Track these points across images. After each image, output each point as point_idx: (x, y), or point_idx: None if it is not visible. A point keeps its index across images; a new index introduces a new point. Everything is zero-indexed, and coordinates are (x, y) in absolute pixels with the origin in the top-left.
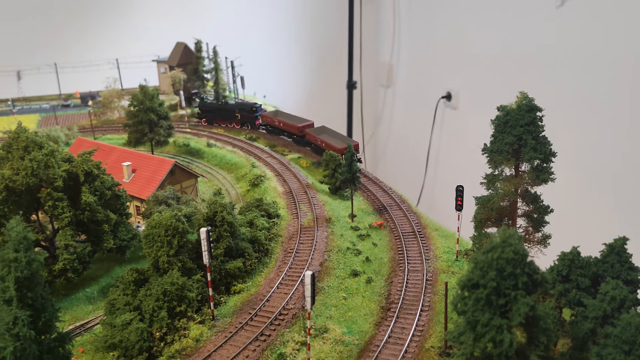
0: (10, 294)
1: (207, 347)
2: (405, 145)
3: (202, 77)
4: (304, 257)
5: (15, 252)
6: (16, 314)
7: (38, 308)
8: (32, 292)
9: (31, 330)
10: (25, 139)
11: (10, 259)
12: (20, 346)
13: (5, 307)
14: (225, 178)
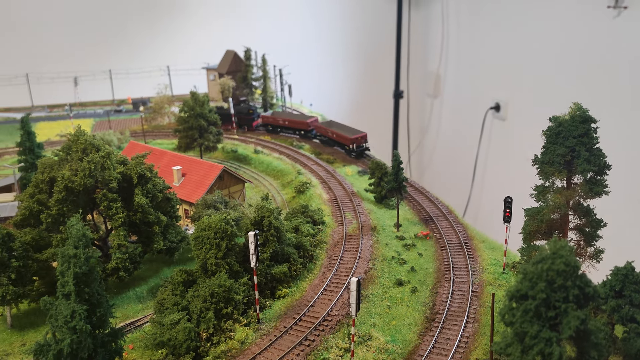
0: (69, 288)
1: (252, 350)
2: (452, 155)
3: (251, 85)
4: (349, 264)
5: (74, 248)
6: (74, 308)
7: (94, 303)
8: (89, 288)
9: (87, 324)
10: (84, 141)
11: (70, 255)
12: (76, 339)
13: (64, 301)
14: (272, 184)
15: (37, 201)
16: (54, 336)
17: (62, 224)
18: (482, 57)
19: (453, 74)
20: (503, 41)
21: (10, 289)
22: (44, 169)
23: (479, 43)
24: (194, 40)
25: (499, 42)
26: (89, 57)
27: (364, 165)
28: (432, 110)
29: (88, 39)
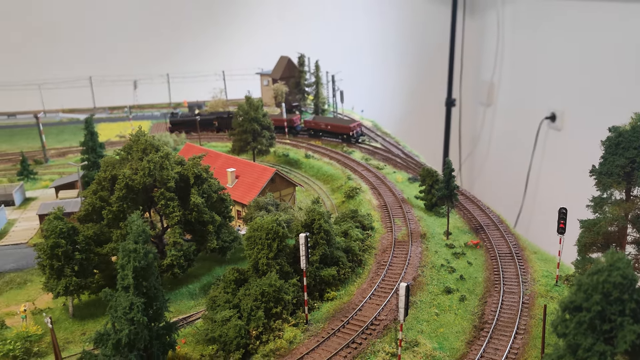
0: (129, 281)
1: (300, 350)
2: (504, 164)
3: (303, 91)
4: (397, 270)
5: (134, 243)
6: (132, 300)
7: (151, 297)
8: (146, 282)
9: (144, 316)
10: (144, 142)
11: (130, 250)
12: (134, 330)
13: (123, 293)
14: (321, 189)
15: (100, 198)
16: (113, 326)
17: (122, 220)
18: (539, 66)
19: (507, 83)
20: (561, 49)
21: (73, 280)
22: (106, 167)
23: (536, 51)
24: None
25: (557, 50)
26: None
27: (415, 173)
28: (484, 118)
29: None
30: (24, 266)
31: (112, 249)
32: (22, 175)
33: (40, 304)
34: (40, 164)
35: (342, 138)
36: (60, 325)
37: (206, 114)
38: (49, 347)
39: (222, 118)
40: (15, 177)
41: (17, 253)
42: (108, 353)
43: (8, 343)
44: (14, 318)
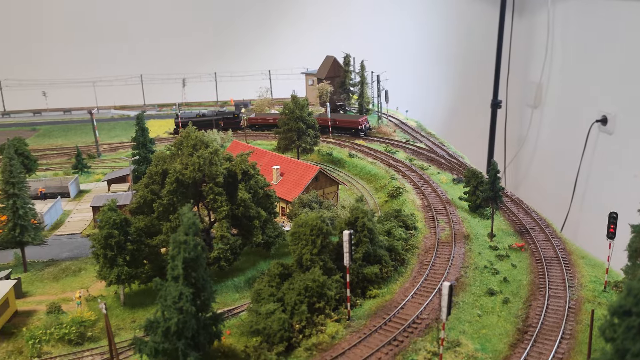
0: (178, 272)
1: (342, 345)
2: (551, 167)
3: (348, 90)
4: (440, 270)
5: (185, 235)
6: (181, 290)
7: (199, 287)
8: (195, 272)
9: (192, 306)
10: (194, 137)
11: (180, 241)
12: (182, 319)
13: (173, 283)
14: (365, 188)
15: (151, 191)
16: (162, 315)
17: (172, 213)
18: (590, 68)
19: (556, 84)
20: (614, 50)
21: (125, 270)
22: (157, 161)
23: (587, 52)
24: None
25: (610, 51)
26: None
27: (459, 174)
28: (531, 121)
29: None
30: (79, 255)
31: (161, 240)
32: (77, 168)
33: (94, 291)
34: (94, 158)
35: (351, 133)
36: (112, 313)
37: (212, 114)
38: (102, 332)
39: (227, 118)
40: (70, 170)
41: (72, 242)
42: (157, 340)
43: (64, 327)
44: (69, 304)
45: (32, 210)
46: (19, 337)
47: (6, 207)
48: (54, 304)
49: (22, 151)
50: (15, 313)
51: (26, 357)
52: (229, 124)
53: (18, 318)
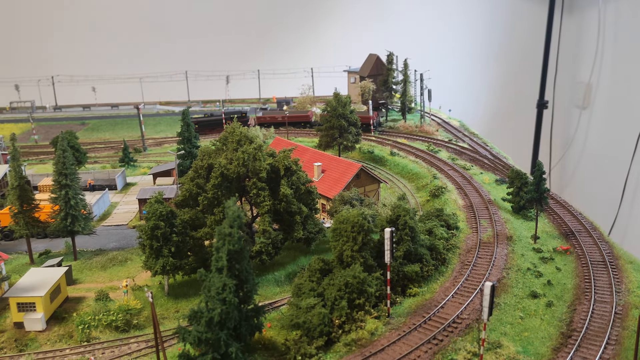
0: (222, 263)
1: (381, 342)
2: (599, 170)
3: (391, 89)
4: (482, 271)
5: (230, 227)
6: (225, 282)
7: (242, 279)
8: (239, 265)
9: (235, 297)
10: (239, 133)
11: (225, 233)
12: (225, 310)
13: (217, 274)
14: (406, 186)
15: (196, 185)
16: (206, 305)
17: (216, 207)
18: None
19: (606, 85)
20: None
21: (170, 261)
22: (203, 156)
23: None
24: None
25: None
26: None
27: (502, 174)
28: (579, 122)
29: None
30: (125, 245)
31: (205, 233)
32: (124, 162)
33: (139, 281)
34: (140, 152)
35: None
36: (156, 302)
37: (217, 115)
38: (147, 321)
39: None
40: (118, 163)
41: (119, 233)
42: (201, 330)
43: (111, 314)
44: (116, 292)
45: (83, 201)
46: (69, 322)
47: (59, 198)
48: (102, 292)
49: (73, 144)
50: (66, 299)
51: (76, 341)
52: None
53: (69, 304)
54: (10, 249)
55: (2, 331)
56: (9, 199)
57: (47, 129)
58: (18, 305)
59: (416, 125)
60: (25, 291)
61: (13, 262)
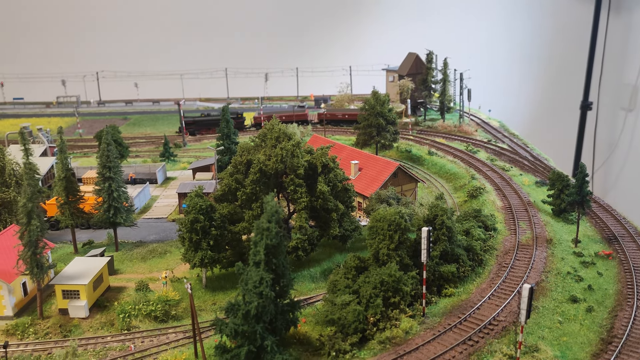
0: (260, 257)
1: (416, 341)
2: None
3: (430, 88)
4: (520, 273)
5: (268, 222)
6: (262, 275)
7: (279, 274)
8: (276, 259)
9: (272, 291)
10: (277, 130)
11: (263, 228)
12: (262, 303)
13: (254, 268)
14: (443, 186)
15: (235, 180)
16: (243, 298)
17: (254, 202)
18: None
19: None
20: None
21: (208, 254)
22: (242, 152)
23: None
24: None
25: None
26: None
27: (543, 176)
28: (624, 124)
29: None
30: (164, 238)
31: (243, 228)
32: (164, 156)
33: (178, 273)
34: (179, 147)
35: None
36: (194, 294)
37: (215, 115)
38: (184, 312)
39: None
40: (158, 158)
41: (159, 226)
42: (237, 322)
43: (151, 304)
44: (155, 283)
45: (125, 194)
46: (110, 310)
47: (102, 190)
48: (142, 282)
49: (116, 138)
50: (108, 288)
51: (117, 329)
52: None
53: (110, 293)
54: (56, 239)
55: (48, 317)
56: (56, 190)
57: (90, 123)
58: (63, 293)
59: (455, 125)
60: (70, 279)
61: (58, 251)
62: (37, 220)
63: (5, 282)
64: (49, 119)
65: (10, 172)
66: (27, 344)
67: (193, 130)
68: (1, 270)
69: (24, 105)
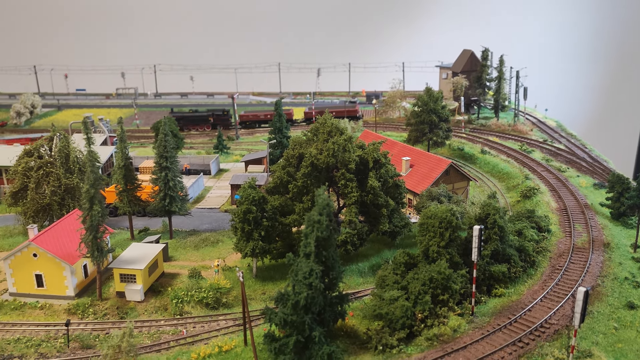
0: (310, 249)
1: (464, 339)
2: None
3: (484, 85)
4: (574, 277)
5: (319, 215)
6: (312, 267)
7: (329, 266)
8: (326, 252)
9: (321, 283)
10: (330, 125)
11: (314, 220)
12: (311, 294)
13: (304, 259)
14: (496, 186)
15: (287, 173)
16: (293, 289)
17: (305, 195)
18: None
19: None
20: None
21: (259, 244)
22: (294, 146)
23: None
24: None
25: None
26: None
27: (602, 178)
28: None
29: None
30: (217, 228)
31: (294, 220)
32: (218, 149)
33: (229, 262)
34: (232, 140)
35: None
36: (245, 283)
37: (203, 111)
38: (235, 300)
39: (217, 115)
40: (212, 150)
41: (212, 216)
42: (287, 312)
43: (203, 291)
44: (207, 271)
45: (180, 183)
46: (164, 296)
47: (159, 179)
48: (194, 270)
49: (172, 129)
50: (162, 274)
51: (170, 314)
52: (219, 120)
53: (164, 279)
54: (113, 225)
55: (106, 299)
56: (115, 177)
57: (147, 114)
58: (121, 276)
59: (509, 124)
60: (127, 263)
61: (116, 237)
62: (99, 205)
63: (68, 264)
64: (108, 109)
65: (74, 159)
66: (87, 323)
67: (182, 126)
68: (65, 252)
69: (85, 96)
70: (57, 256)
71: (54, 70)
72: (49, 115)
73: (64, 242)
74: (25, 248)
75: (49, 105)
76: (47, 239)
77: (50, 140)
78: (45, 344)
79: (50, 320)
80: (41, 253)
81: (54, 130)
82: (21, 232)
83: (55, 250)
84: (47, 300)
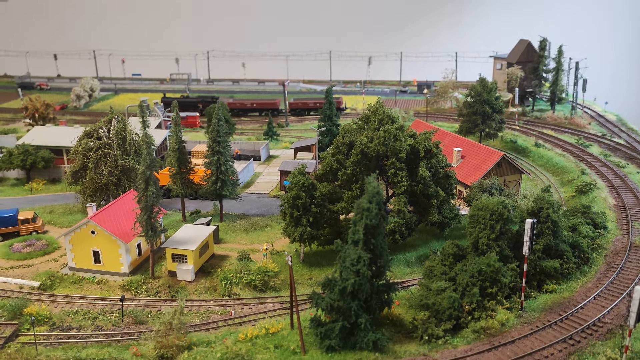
0: (359, 236)
1: (512, 334)
2: None
3: (541, 77)
4: (631, 275)
5: (368, 202)
6: (360, 254)
7: (376, 254)
8: (374, 240)
9: (368, 270)
10: (381, 113)
11: (364, 208)
12: (358, 281)
13: (352, 247)
14: (549, 180)
15: (337, 160)
16: (340, 275)
17: (354, 183)
18: None
19: None
20: None
21: (308, 230)
22: (344, 133)
23: None
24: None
25: None
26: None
27: None
28: None
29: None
30: (265, 213)
31: (342, 207)
32: (268, 135)
33: (277, 246)
34: (282, 127)
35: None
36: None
37: (193, 97)
38: (282, 284)
39: (206, 102)
40: (262, 136)
41: (261, 201)
42: (334, 297)
43: (251, 274)
44: (256, 254)
45: (232, 168)
46: (214, 277)
47: (211, 163)
48: (243, 253)
49: (224, 115)
50: (213, 255)
51: (219, 295)
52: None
53: (214, 260)
54: (166, 206)
55: (158, 277)
56: (169, 160)
57: None
58: (172, 256)
59: (565, 117)
60: (179, 244)
61: (168, 218)
62: (154, 186)
63: (123, 242)
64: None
65: (130, 141)
66: (140, 300)
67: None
68: (120, 231)
69: (141, 81)
70: (113, 234)
71: (112, 55)
72: (106, 99)
73: (120, 221)
74: (84, 225)
75: (107, 89)
76: (104, 217)
77: (109, 123)
78: (101, 317)
79: (106, 295)
80: (99, 230)
81: (112, 113)
82: (80, 210)
83: (111, 228)
84: (104, 276)
